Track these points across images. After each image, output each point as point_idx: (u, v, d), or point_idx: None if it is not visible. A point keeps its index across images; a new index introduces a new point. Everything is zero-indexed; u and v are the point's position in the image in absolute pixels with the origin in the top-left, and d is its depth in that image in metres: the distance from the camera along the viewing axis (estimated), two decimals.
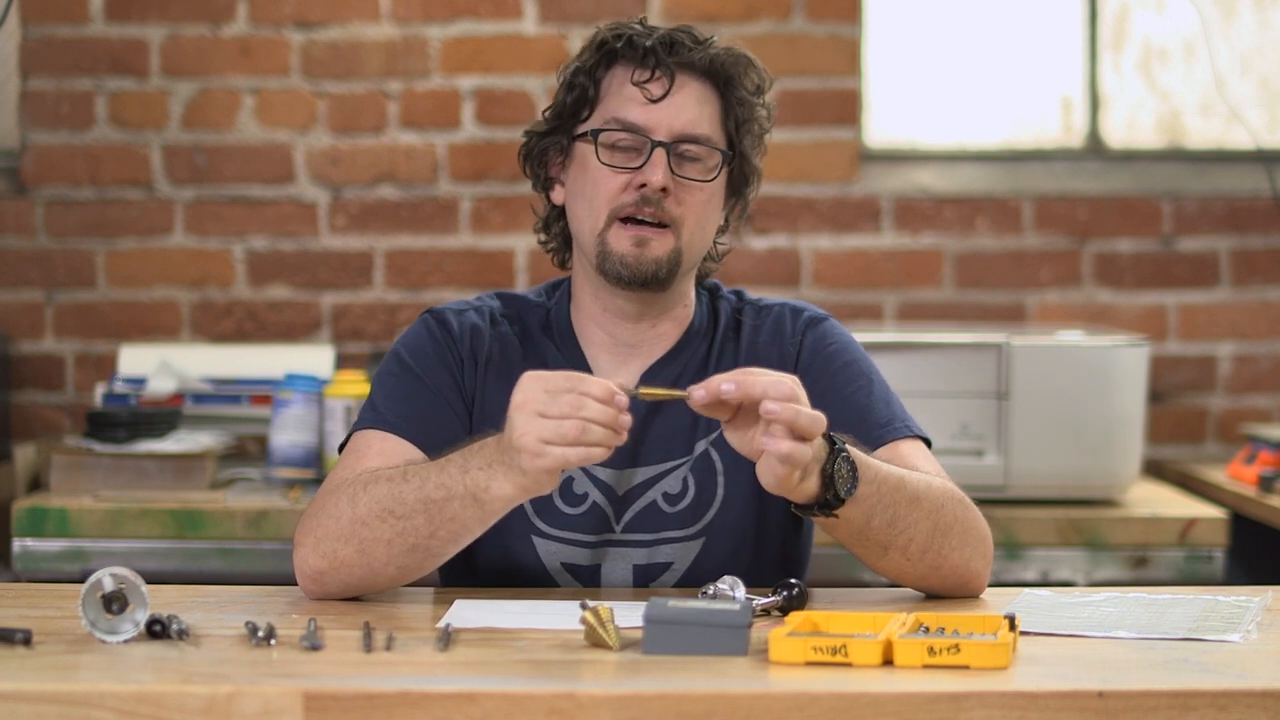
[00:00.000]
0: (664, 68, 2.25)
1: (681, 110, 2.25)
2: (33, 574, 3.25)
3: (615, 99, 2.26)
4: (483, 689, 1.71)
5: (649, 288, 2.26)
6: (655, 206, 2.23)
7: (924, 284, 4.05)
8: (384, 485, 2.10)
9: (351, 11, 4.01)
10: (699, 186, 2.26)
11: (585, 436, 1.93)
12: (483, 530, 2.08)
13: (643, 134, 2.23)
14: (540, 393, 1.95)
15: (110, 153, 4.00)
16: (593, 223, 2.26)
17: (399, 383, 2.29)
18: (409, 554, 2.09)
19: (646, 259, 2.24)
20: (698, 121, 2.25)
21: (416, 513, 2.07)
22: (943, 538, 2.14)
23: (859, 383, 2.30)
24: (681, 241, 2.25)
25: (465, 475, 2.03)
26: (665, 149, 2.23)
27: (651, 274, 2.24)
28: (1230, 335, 4.07)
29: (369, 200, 4.02)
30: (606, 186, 2.25)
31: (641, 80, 2.25)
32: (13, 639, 1.86)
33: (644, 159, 2.23)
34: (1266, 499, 3.43)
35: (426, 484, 2.06)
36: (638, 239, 2.23)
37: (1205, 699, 1.71)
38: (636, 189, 2.23)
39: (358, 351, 3.98)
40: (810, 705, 1.69)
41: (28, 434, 3.92)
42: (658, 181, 2.22)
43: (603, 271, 2.26)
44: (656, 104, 2.24)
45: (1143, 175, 4.11)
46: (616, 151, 2.25)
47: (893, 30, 4.14)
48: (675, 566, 2.28)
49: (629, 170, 2.24)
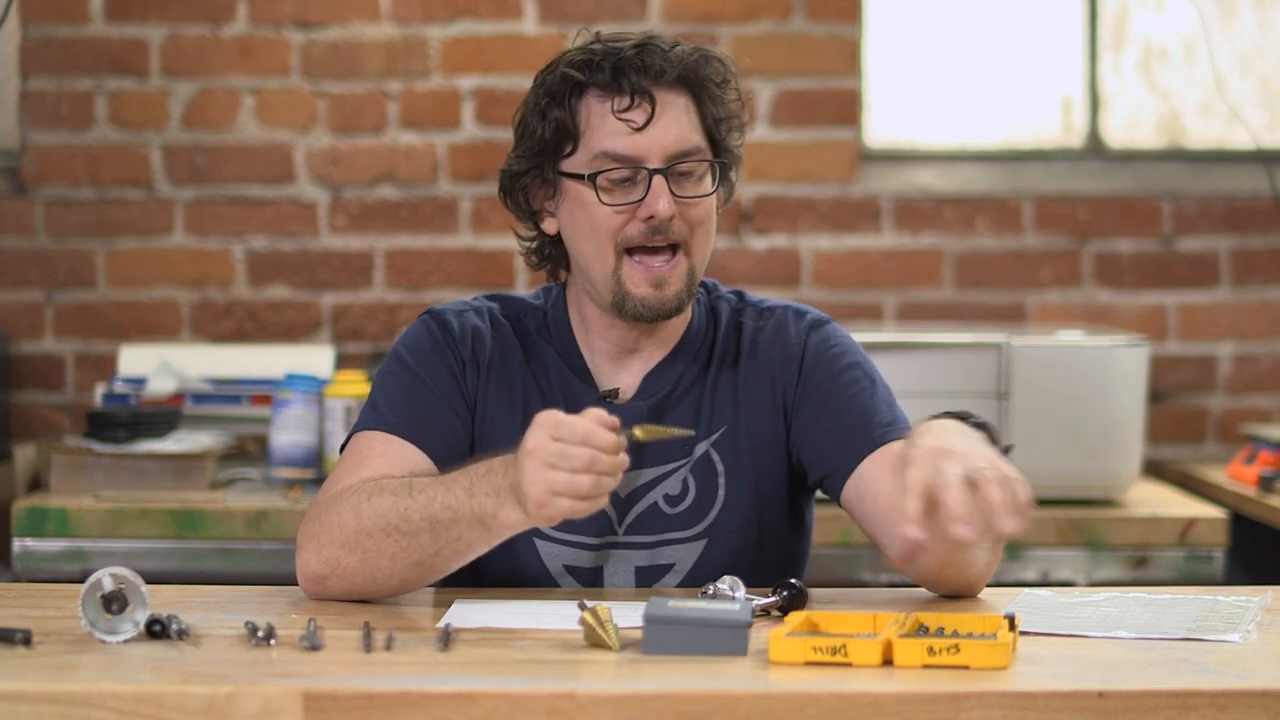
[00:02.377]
0: (641, 93, 2.21)
1: (668, 130, 2.22)
2: (33, 574, 3.25)
3: (599, 133, 2.22)
4: (483, 689, 1.71)
5: (671, 318, 2.27)
6: (663, 233, 2.22)
7: (924, 284, 4.05)
8: (389, 499, 2.09)
9: (351, 11, 4.01)
10: (700, 202, 2.25)
11: (596, 490, 1.94)
12: (488, 549, 2.09)
13: (636, 164, 2.21)
14: (552, 443, 1.93)
15: (110, 153, 4.00)
16: (602, 261, 2.24)
17: (400, 383, 2.28)
18: (412, 569, 2.10)
19: (668, 297, 2.23)
20: (685, 137, 2.23)
21: (422, 531, 2.07)
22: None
23: (862, 384, 2.30)
24: (693, 260, 2.25)
25: (472, 500, 2.03)
26: (663, 175, 2.21)
27: (674, 309, 2.25)
28: (1230, 335, 4.07)
29: (369, 200, 4.02)
30: (610, 224, 2.22)
31: (622, 110, 2.21)
32: (13, 639, 1.86)
33: (644, 190, 2.21)
34: (1266, 499, 3.43)
35: (433, 504, 2.06)
36: (655, 280, 2.22)
37: (1205, 699, 1.71)
38: (643, 221, 2.21)
39: (358, 351, 3.98)
40: (810, 705, 1.69)
41: (28, 434, 3.92)
42: (664, 212, 2.20)
43: (620, 310, 2.25)
44: (642, 131, 2.21)
45: (1143, 175, 4.11)
46: (614, 187, 2.22)
47: (893, 30, 4.14)
48: (677, 568, 2.28)
49: (630, 205, 2.22)
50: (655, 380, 2.31)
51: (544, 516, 1.97)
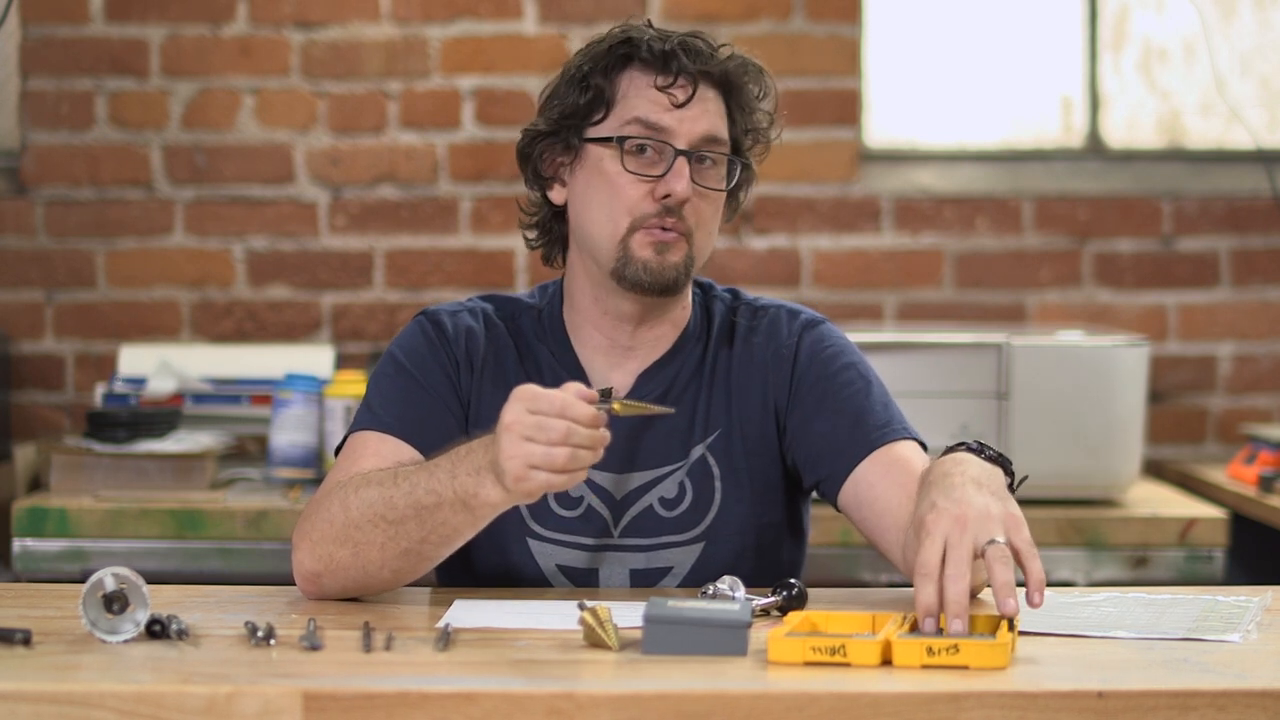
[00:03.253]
0: (686, 74, 2.24)
1: (701, 117, 2.24)
2: (33, 574, 3.25)
3: (636, 101, 2.24)
4: (482, 689, 1.71)
5: (666, 293, 2.26)
6: (676, 217, 2.23)
7: (924, 284, 4.05)
8: (374, 489, 2.10)
9: (351, 11, 4.01)
10: (713, 195, 2.26)
11: (573, 463, 1.93)
12: (475, 533, 2.08)
13: (665, 138, 2.22)
14: (528, 415, 1.93)
15: (110, 153, 4.01)
16: (613, 229, 2.24)
17: (394, 384, 2.29)
18: (402, 557, 2.09)
19: (668, 265, 2.23)
20: (715, 127, 2.25)
21: (408, 518, 2.07)
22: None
23: (856, 385, 2.30)
24: (694, 250, 2.25)
25: (454, 481, 2.03)
26: (688, 157, 2.23)
27: (672, 280, 2.24)
28: (1230, 335, 4.07)
29: (369, 200, 4.02)
30: (629, 194, 2.23)
31: (665, 85, 2.23)
32: (13, 639, 1.87)
33: (666, 167, 2.22)
34: (1266, 499, 3.43)
35: (416, 489, 2.06)
36: (659, 245, 2.23)
37: (1205, 699, 1.71)
38: (659, 199, 2.22)
39: (357, 351, 3.98)
40: (809, 705, 1.69)
41: (28, 434, 3.92)
42: (682, 192, 2.21)
43: (621, 276, 2.24)
44: (680, 109, 2.23)
45: (1143, 175, 4.11)
46: (638, 156, 2.23)
47: (893, 30, 4.14)
48: (676, 570, 2.28)
49: (651, 178, 2.23)
50: (649, 381, 2.31)
51: (522, 491, 1.96)
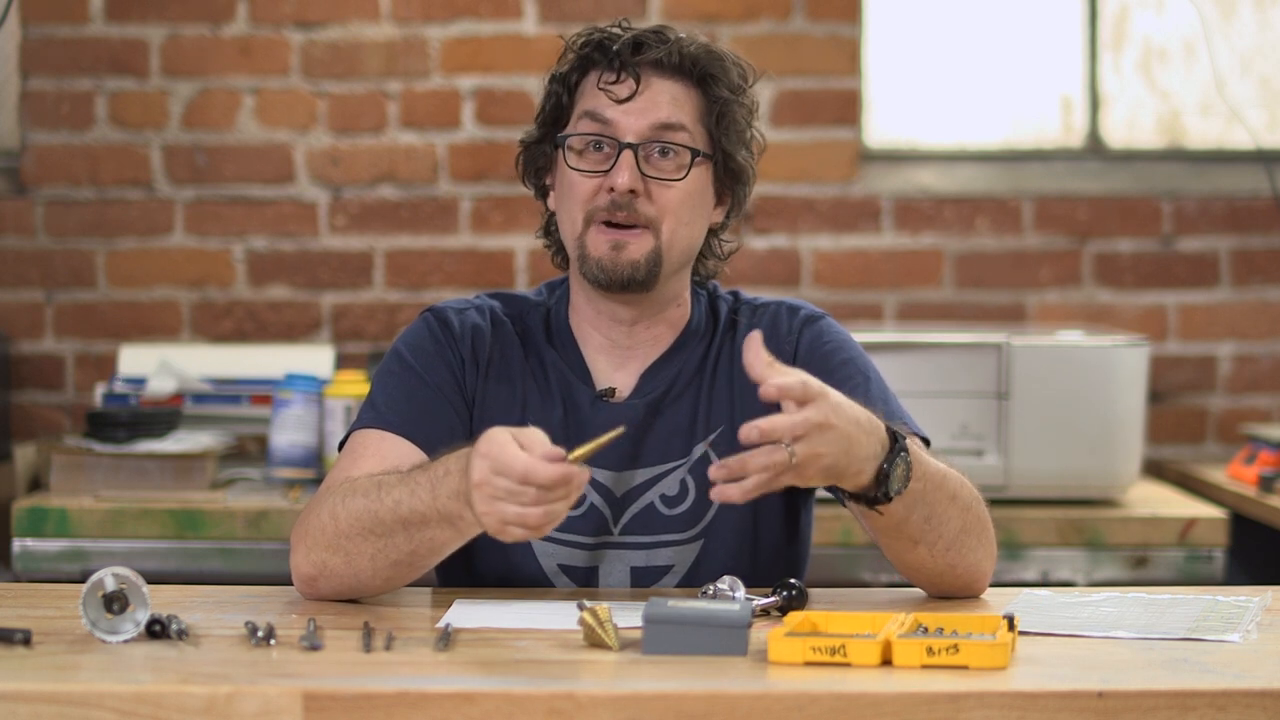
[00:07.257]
0: (629, 69, 2.26)
1: (648, 110, 2.25)
2: (33, 574, 3.25)
3: (586, 102, 2.28)
4: (482, 689, 1.71)
5: (629, 290, 2.26)
6: (626, 209, 2.24)
7: (924, 284, 4.05)
8: (360, 500, 2.09)
9: (351, 11, 4.01)
10: (671, 185, 2.26)
11: (547, 519, 1.92)
12: (463, 543, 2.08)
13: (611, 133, 2.25)
14: (494, 477, 1.92)
15: (110, 153, 4.01)
16: (572, 226, 2.27)
17: (399, 381, 2.29)
18: (394, 567, 2.10)
19: (623, 261, 2.24)
20: (668, 120, 2.25)
21: (395, 532, 2.07)
22: (965, 536, 2.14)
23: (856, 380, 2.29)
24: (661, 240, 2.25)
25: (435, 502, 2.02)
26: (633, 150, 2.24)
27: (629, 276, 2.24)
28: (1230, 335, 4.07)
29: (369, 200, 4.02)
30: (580, 190, 2.26)
31: (608, 83, 2.26)
32: (13, 639, 1.87)
33: (613, 162, 2.24)
34: (1266, 499, 3.43)
35: (400, 506, 2.05)
36: (614, 243, 2.24)
37: (1205, 699, 1.71)
38: (608, 192, 2.24)
39: (358, 351, 3.98)
40: (809, 705, 1.69)
41: (28, 434, 3.92)
42: (624, 184, 2.23)
43: (583, 274, 2.27)
44: (622, 105, 2.25)
45: (1143, 175, 4.11)
46: (588, 154, 2.26)
47: (893, 30, 4.14)
48: (675, 569, 2.28)
49: (599, 174, 2.25)
50: (651, 379, 2.31)
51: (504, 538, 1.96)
